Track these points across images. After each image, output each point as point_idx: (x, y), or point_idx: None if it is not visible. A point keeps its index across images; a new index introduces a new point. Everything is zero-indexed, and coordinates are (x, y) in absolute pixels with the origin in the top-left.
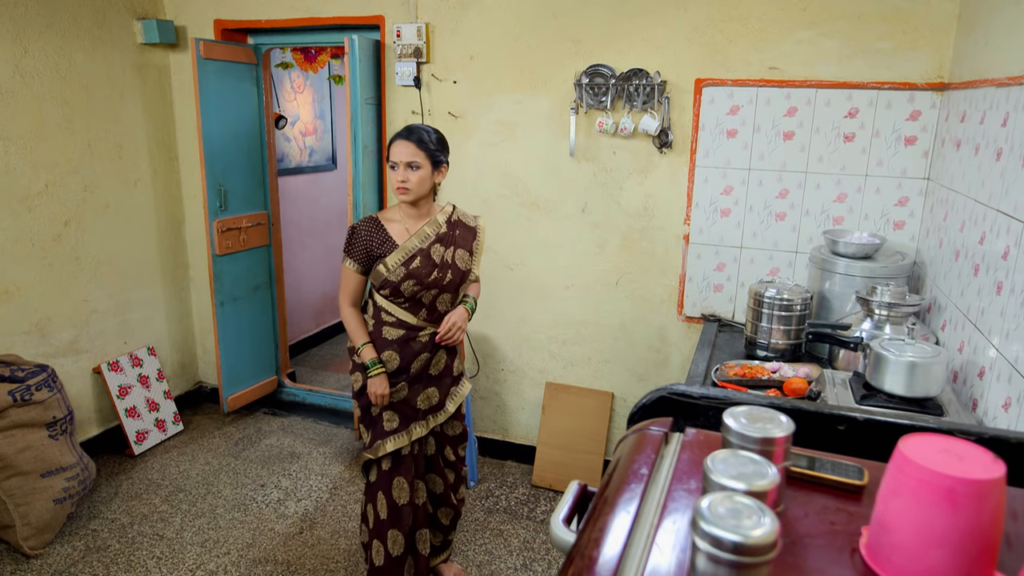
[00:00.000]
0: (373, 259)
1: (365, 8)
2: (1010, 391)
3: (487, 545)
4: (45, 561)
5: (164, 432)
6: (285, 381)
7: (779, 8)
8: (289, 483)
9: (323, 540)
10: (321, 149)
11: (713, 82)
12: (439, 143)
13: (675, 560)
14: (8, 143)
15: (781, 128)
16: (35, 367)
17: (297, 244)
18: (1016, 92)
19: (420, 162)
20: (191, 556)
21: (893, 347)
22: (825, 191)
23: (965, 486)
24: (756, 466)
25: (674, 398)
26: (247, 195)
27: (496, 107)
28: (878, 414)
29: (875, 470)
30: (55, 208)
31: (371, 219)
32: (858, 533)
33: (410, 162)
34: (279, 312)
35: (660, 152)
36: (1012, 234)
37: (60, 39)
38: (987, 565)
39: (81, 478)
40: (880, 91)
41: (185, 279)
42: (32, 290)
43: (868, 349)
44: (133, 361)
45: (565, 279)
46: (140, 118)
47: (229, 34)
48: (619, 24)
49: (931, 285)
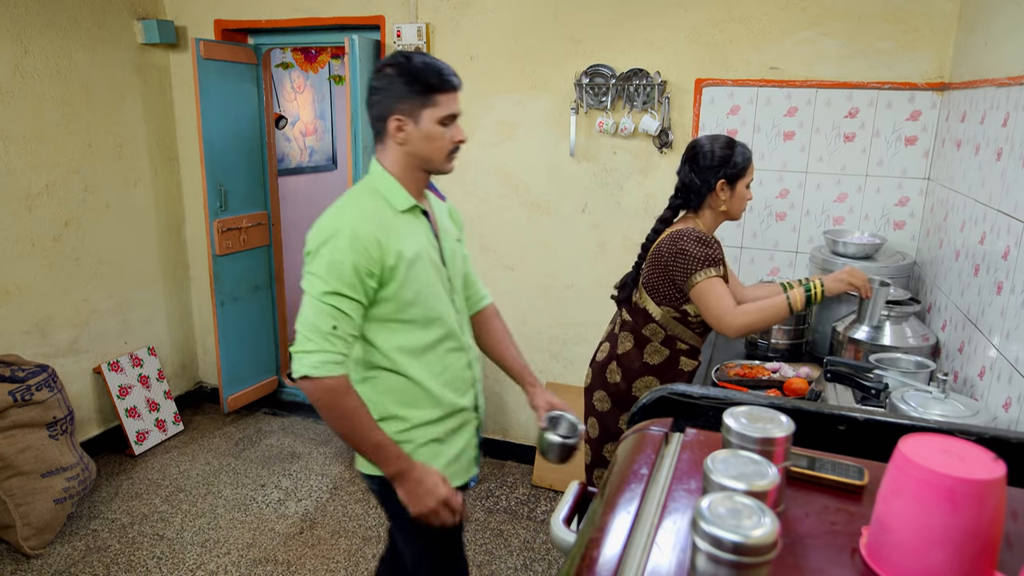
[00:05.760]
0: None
1: (365, 8)
2: (1010, 391)
3: (487, 545)
4: (45, 561)
5: (164, 432)
6: (285, 381)
7: (779, 8)
8: (289, 483)
9: (323, 540)
10: (321, 149)
11: (713, 82)
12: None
13: (675, 560)
14: (8, 143)
15: (781, 128)
16: (35, 367)
17: (297, 244)
18: (1016, 92)
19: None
20: (191, 556)
21: (916, 401)
22: (825, 191)
23: (965, 486)
24: (756, 466)
25: (674, 398)
26: (247, 195)
27: (496, 107)
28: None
29: (875, 470)
30: (55, 208)
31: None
32: (858, 533)
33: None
34: (279, 312)
35: (660, 152)
36: (1012, 234)
37: (60, 39)
38: (987, 565)
39: (81, 478)
40: (880, 91)
41: (185, 279)
42: (32, 290)
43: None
44: (133, 361)
45: (565, 279)
46: (140, 118)
47: (229, 34)
48: (619, 24)
49: (931, 285)
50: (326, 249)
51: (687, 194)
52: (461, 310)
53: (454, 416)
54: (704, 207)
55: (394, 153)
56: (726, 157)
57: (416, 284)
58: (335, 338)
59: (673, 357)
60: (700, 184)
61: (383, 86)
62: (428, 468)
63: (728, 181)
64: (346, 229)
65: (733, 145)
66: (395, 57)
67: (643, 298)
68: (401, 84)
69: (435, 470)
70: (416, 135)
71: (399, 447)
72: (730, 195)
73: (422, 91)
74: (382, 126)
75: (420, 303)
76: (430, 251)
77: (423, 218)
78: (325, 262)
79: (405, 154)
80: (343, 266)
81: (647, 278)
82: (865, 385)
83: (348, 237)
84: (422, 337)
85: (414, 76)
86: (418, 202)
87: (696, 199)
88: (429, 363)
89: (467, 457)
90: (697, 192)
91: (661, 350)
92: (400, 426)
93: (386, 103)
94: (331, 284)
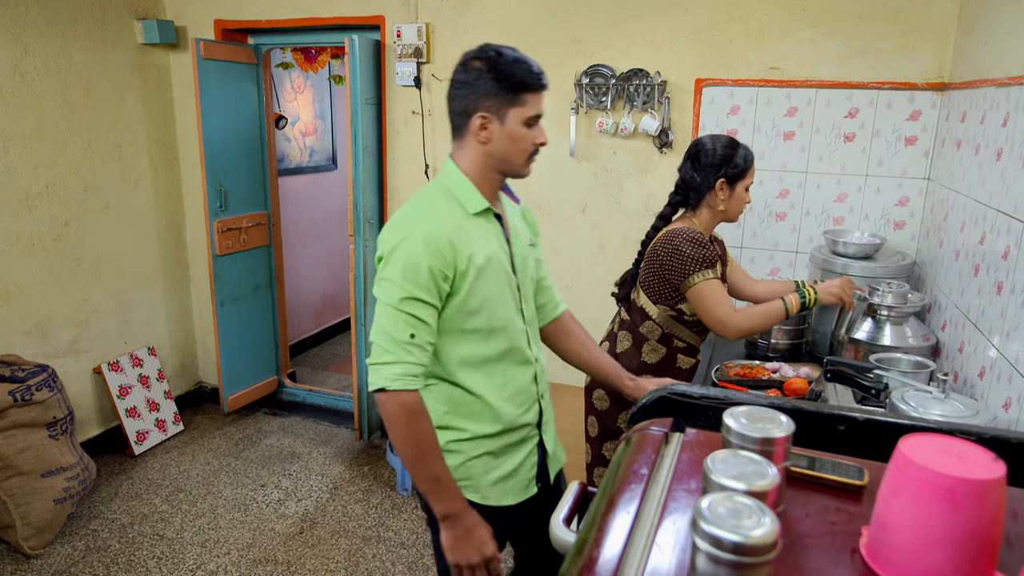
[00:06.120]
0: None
1: (365, 8)
2: (1010, 391)
3: None
4: (45, 561)
5: (164, 432)
6: (285, 381)
7: (779, 8)
8: (289, 483)
9: (323, 540)
10: (321, 149)
11: (713, 82)
12: None
13: (675, 560)
14: (8, 143)
15: (781, 128)
16: (35, 367)
17: (297, 244)
18: (1016, 92)
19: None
20: (191, 556)
21: (916, 401)
22: (825, 191)
23: (965, 486)
24: (756, 466)
25: (674, 398)
26: (247, 195)
27: None
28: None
29: (875, 470)
30: (55, 208)
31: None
32: (858, 533)
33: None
34: (279, 312)
35: (660, 152)
36: (1012, 234)
37: (60, 39)
38: (987, 565)
39: (81, 478)
40: (880, 91)
41: (185, 279)
42: (32, 290)
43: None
44: (133, 361)
45: (566, 279)
46: (140, 118)
47: (229, 34)
48: (619, 24)
49: (931, 285)
50: (400, 252)
51: (686, 191)
52: (530, 321)
53: (514, 431)
54: (702, 206)
55: (472, 152)
56: (727, 156)
57: (484, 291)
58: (413, 347)
59: (670, 355)
60: (700, 182)
61: (469, 80)
62: (480, 520)
63: (728, 181)
64: (419, 230)
65: (736, 146)
66: (485, 51)
67: (640, 296)
68: (490, 80)
69: (486, 524)
70: (500, 134)
71: (458, 487)
72: (729, 195)
73: (511, 89)
74: (464, 122)
75: (485, 312)
76: (501, 257)
77: (496, 222)
78: (400, 266)
79: (484, 153)
80: (419, 269)
81: (644, 276)
82: (865, 385)
83: (422, 238)
84: (484, 349)
85: (505, 73)
86: (491, 205)
87: (695, 197)
88: (491, 376)
89: (524, 475)
90: (696, 190)
91: (658, 348)
92: (454, 436)
93: (471, 99)
94: (407, 289)
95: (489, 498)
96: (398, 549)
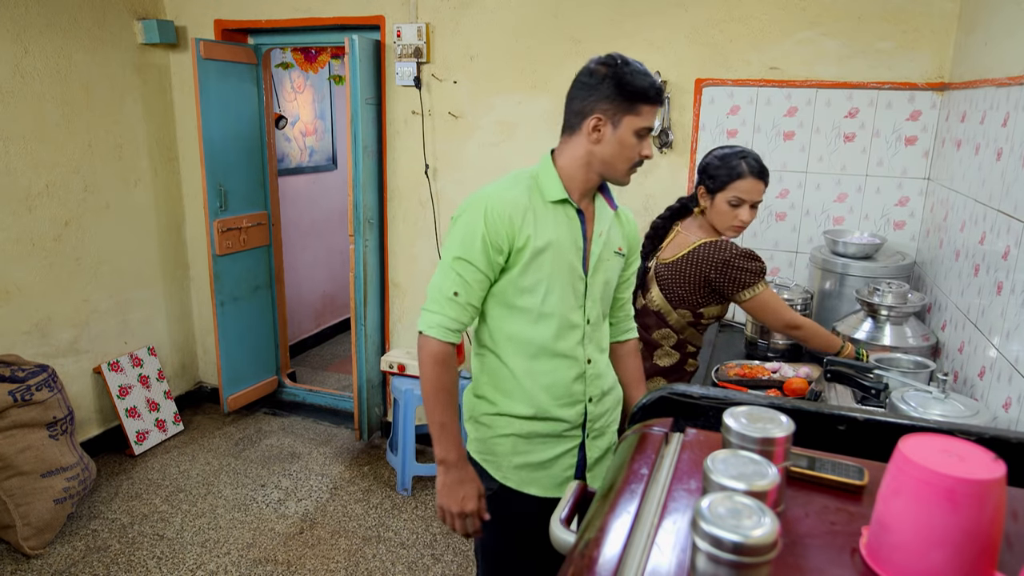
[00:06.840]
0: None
1: (365, 8)
2: (1010, 391)
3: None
4: (45, 561)
5: (164, 432)
6: (285, 381)
7: (779, 8)
8: (289, 483)
9: (323, 540)
10: (321, 149)
11: (713, 82)
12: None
13: (675, 560)
14: (8, 143)
15: (781, 128)
16: (35, 367)
17: (297, 244)
18: (1016, 92)
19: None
20: (191, 556)
21: (916, 401)
22: (825, 191)
23: (965, 486)
24: (756, 466)
25: (674, 398)
26: (247, 195)
27: (496, 107)
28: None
29: (875, 470)
30: (55, 208)
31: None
32: (858, 533)
33: (756, 203)
34: (279, 312)
35: (660, 152)
36: (1012, 234)
37: (60, 39)
38: (987, 565)
39: (81, 478)
40: (880, 91)
41: (185, 279)
42: (32, 290)
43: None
44: (133, 361)
45: None
46: (140, 118)
47: (229, 34)
48: (619, 24)
49: (931, 285)
50: (464, 218)
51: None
52: (595, 322)
53: (547, 422)
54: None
55: (579, 150)
56: (709, 165)
57: (538, 273)
58: (455, 304)
59: (683, 359)
60: (696, 185)
61: (593, 83)
62: (473, 477)
63: (707, 190)
64: (485, 203)
65: (726, 157)
66: (612, 58)
67: (656, 298)
68: (611, 85)
69: (478, 483)
70: (611, 138)
71: (460, 439)
72: (709, 204)
73: (630, 97)
74: (578, 121)
75: (537, 294)
76: (568, 247)
77: (575, 215)
78: (461, 230)
79: (589, 152)
80: (474, 236)
81: (669, 280)
82: (865, 385)
83: (483, 209)
84: (531, 331)
85: (626, 81)
86: (571, 198)
87: (691, 200)
88: (533, 360)
89: (557, 473)
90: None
91: (672, 353)
92: (486, 408)
93: (590, 100)
94: (461, 251)
95: (509, 479)
96: (398, 549)
